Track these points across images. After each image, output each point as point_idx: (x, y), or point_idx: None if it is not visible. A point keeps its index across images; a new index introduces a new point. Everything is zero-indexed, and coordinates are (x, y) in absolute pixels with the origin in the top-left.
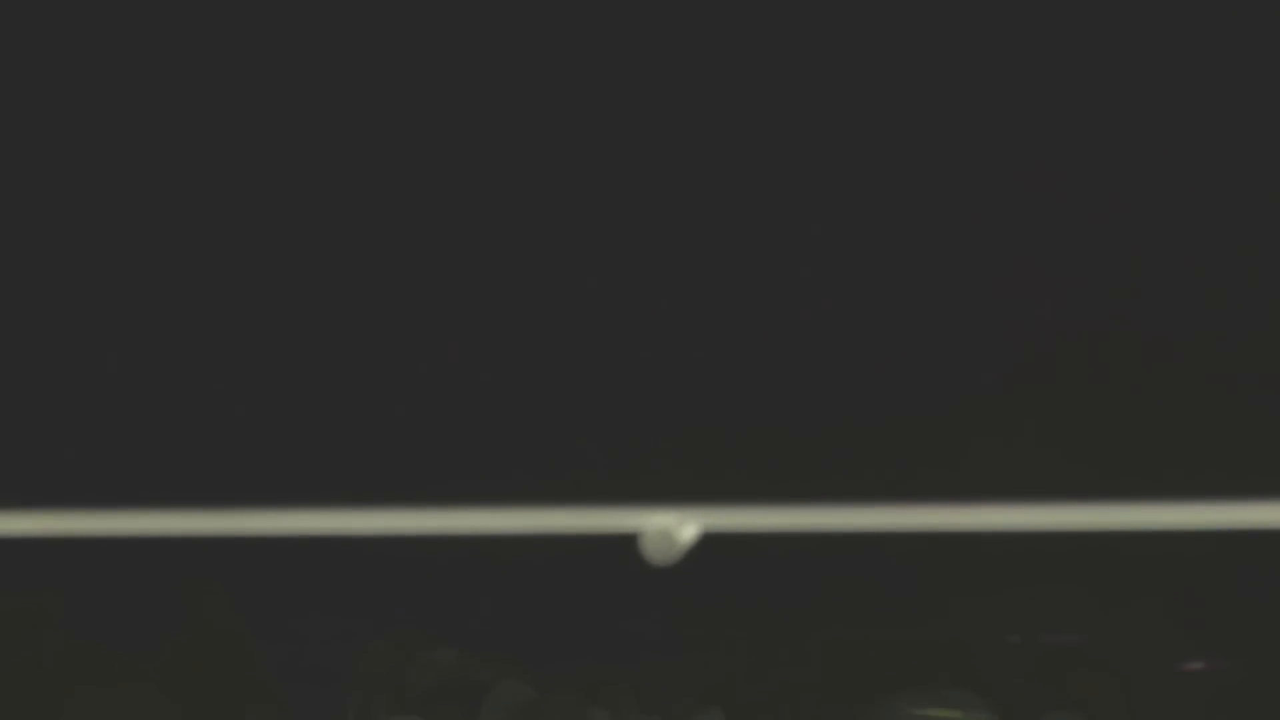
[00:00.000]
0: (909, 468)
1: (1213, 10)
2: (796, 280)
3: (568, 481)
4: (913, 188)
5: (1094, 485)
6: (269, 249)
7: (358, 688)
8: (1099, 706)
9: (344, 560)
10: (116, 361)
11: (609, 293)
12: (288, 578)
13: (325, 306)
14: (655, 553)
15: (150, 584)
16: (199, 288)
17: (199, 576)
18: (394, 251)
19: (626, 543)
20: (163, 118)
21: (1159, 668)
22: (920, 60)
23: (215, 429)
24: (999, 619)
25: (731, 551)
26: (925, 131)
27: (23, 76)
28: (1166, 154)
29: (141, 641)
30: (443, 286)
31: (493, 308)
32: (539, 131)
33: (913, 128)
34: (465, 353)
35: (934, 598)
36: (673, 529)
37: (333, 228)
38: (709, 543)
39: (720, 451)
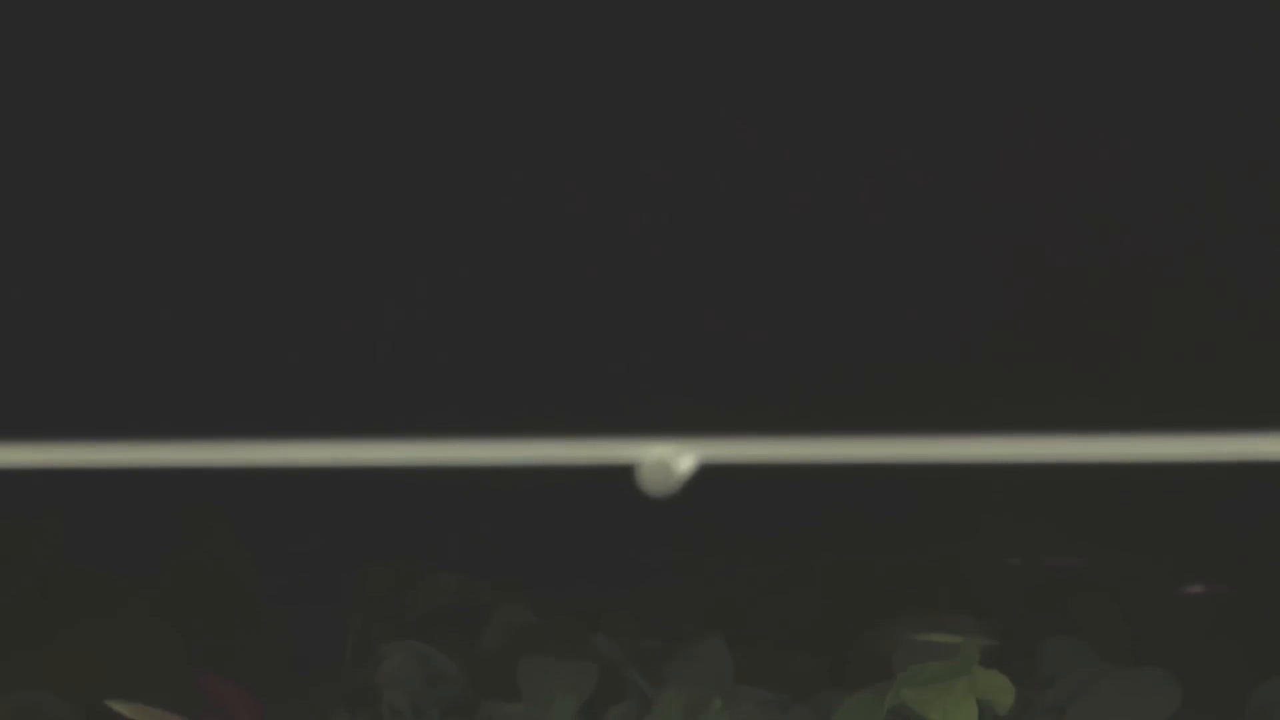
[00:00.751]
0: (909, 399)
1: None
2: (798, 211)
3: (564, 413)
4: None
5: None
6: (264, 169)
7: (357, 613)
8: (1099, 631)
9: (345, 485)
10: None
11: (606, 222)
12: (288, 502)
13: (322, 233)
14: (653, 484)
15: (149, 508)
16: (194, 211)
17: (199, 501)
18: (394, 176)
19: (624, 474)
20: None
21: (1159, 592)
22: None
23: (215, 357)
24: (999, 544)
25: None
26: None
27: None
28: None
29: (140, 566)
30: (441, 216)
31: (491, 238)
32: (531, 59)
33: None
34: (465, 283)
35: (933, 523)
36: (670, 460)
37: (334, 155)
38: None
39: (718, 383)
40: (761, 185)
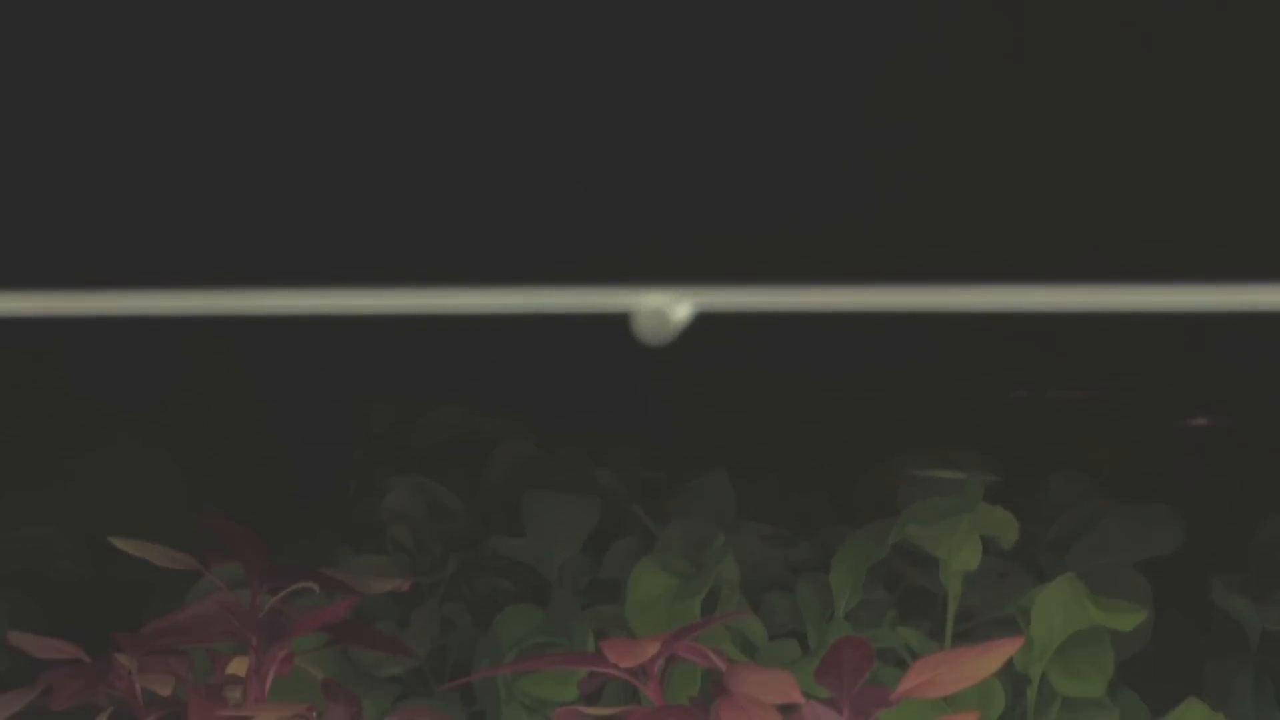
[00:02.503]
0: (907, 246)
1: None
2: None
3: (559, 261)
4: None
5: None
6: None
7: (360, 447)
8: (1103, 466)
9: (349, 321)
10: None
11: (605, 73)
12: (291, 337)
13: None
14: (649, 332)
15: (153, 343)
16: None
17: (202, 336)
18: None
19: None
20: None
21: (1163, 426)
22: None
23: (217, 204)
24: (1003, 378)
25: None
26: None
27: None
28: None
29: (144, 401)
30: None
31: (493, 89)
32: None
33: None
34: (463, 134)
35: (937, 358)
36: (666, 308)
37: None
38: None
39: (714, 231)
40: (756, 34)
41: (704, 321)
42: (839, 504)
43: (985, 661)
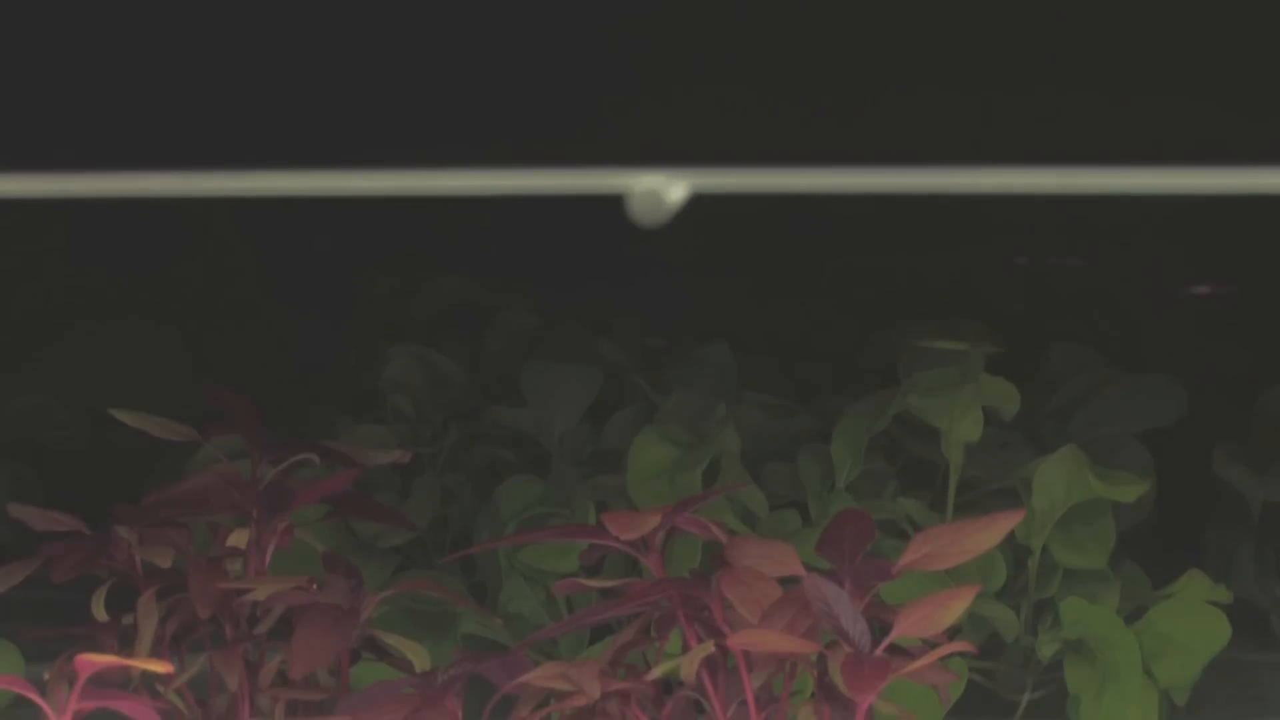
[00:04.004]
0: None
1: None
2: None
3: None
4: None
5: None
6: None
7: (361, 316)
8: (1105, 335)
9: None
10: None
11: None
12: (294, 205)
13: None
14: (644, 213)
15: (155, 211)
16: None
17: (203, 205)
18: None
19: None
20: None
21: (1165, 294)
22: None
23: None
24: (1005, 247)
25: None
26: None
27: None
28: None
29: (146, 269)
30: None
31: None
32: None
33: None
34: (469, 20)
35: (939, 228)
36: (661, 189)
37: None
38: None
39: (710, 112)
40: None
41: (705, 195)
42: (840, 374)
43: (987, 534)
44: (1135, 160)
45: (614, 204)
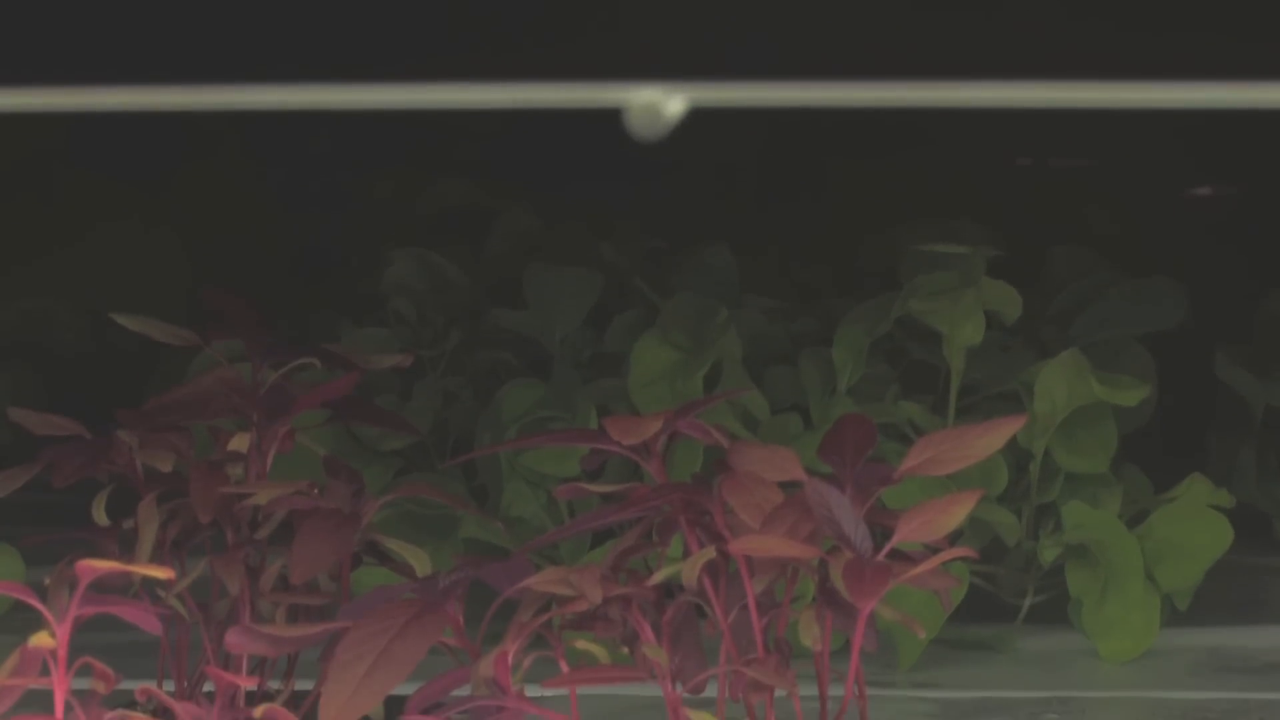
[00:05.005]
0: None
1: None
2: None
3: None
4: None
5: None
6: None
7: (362, 218)
8: (1107, 238)
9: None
10: None
11: None
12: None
13: None
14: (642, 127)
15: (154, 115)
16: None
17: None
18: None
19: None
20: None
21: (1167, 196)
22: None
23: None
24: (1007, 148)
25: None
26: None
27: None
28: None
29: (148, 172)
30: None
31: None
32: None
33: None
34: None
35: (940, 129)
36: (659, 103)
37: None
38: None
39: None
40: None
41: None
42: (841, 277)
43: (989, 439)
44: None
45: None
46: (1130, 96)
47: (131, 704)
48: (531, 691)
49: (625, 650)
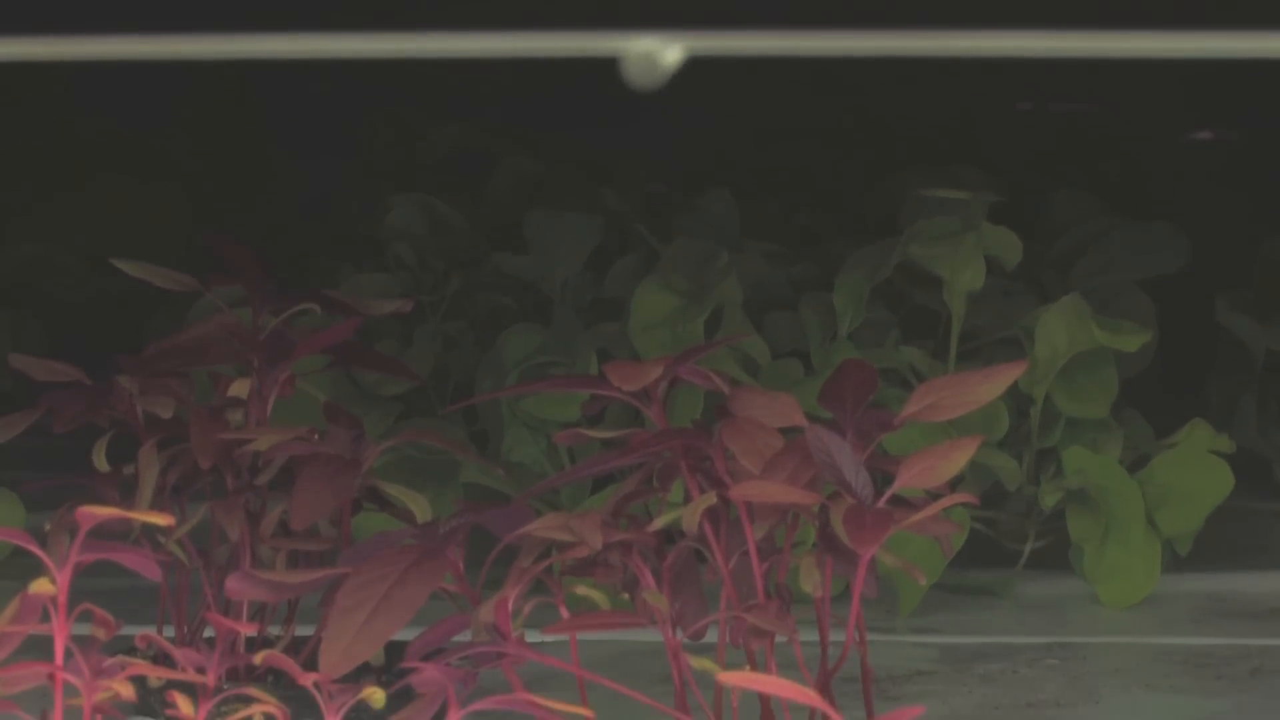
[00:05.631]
0: None
1: None
2: None
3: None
4: None
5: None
6: None
7: (363, 162)
8: (1108, 182)
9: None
10: None
11: None
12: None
13: None
14: (639, 76)
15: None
16: None
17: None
18: None
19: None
20: None
21: (1168, 141)
22: None
23: None
24: (1008, 92)
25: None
26: None
27: None
28: None
29: (149, 117)
30: None
31: None
32: None
33: None
34: None
35: (942, 75)
36: (656, 52)
37: None
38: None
39: None
40: None
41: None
42: (842, 222)
43: (990, 385)
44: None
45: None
46: (1130, 46)
47: (131, 650)
48: (532, 637)
49: (626, 596)
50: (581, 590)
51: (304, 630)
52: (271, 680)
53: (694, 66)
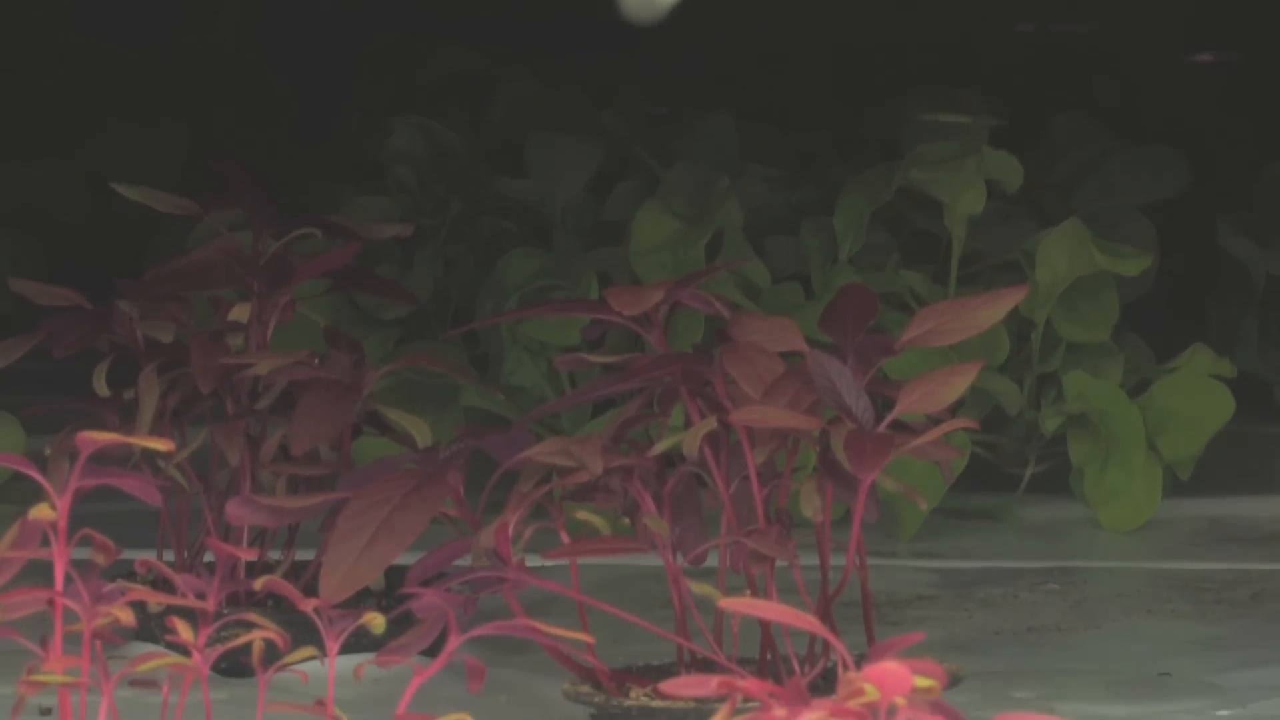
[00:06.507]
0: None
1: None
2: None
3: None
4: None
5: None
6: None
7: (363, 85)
8: (1109, 106)
9: None
10: None
11: None
12: None
13: None
14: (636, 8)
15: None
16: None
17: None
18: None
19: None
20: None
21: (1169, 63)
22: None
23: None
24: (1008, 14)
25: None
26: None
27: None
28: None
29: (150, 38)
30: None
31: None
32: None
33: None
34: None
35: None
36: None
37: None
38: None
39: None
40: None
41: None
42: (843, 145)
43: (991, 310)
44: None
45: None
46: None
47: (131, 574)
48: (532, 562)
49: (626, 521)
50: (582, 515)
51: (304, 555)
52: (271, 605)
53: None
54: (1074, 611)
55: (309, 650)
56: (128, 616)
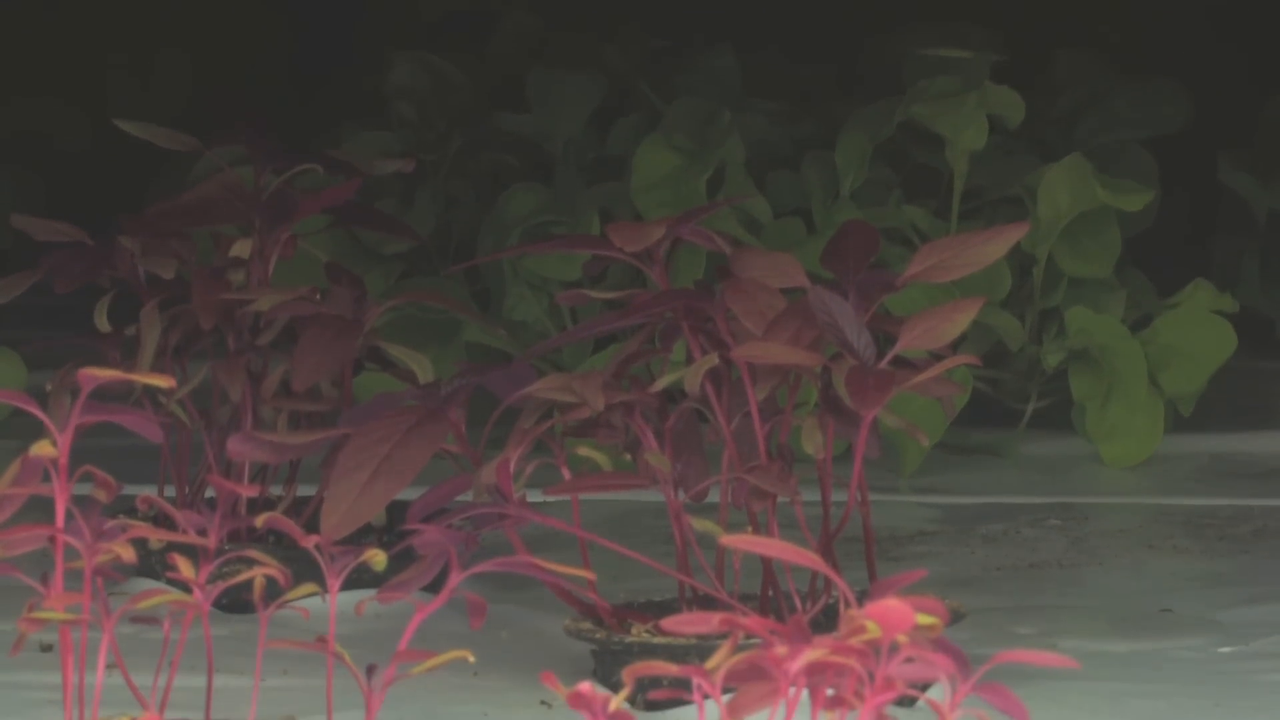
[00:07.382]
0: None
1: None
2: None
3: None
4: None
5: None
6: None
7: (364, 19)
8: (1110, 40)
9: None
10: None
11: None
12: None
13: None
14: None
15: None
16: None
17: None
18: None
19: None
20: None
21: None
22: None
23: None
24: None
25: None
26: None
27: None
28: None
29: None
30: None
31: None
32: None
33: None
34: None
35: None
36: None
37: None
38: None
39: None
40: None
41: None
42: (844, 78)
43: (993, 246)
44: None
45: None
46: None
47: (132, 511)
48: (533, 498)
49: (628, 457)
50: (583, 451)
51: (306, 491)
52: (273, 542)
53: None
54: (1075, 547)
55: (310, 587)
56: (129, 553)
